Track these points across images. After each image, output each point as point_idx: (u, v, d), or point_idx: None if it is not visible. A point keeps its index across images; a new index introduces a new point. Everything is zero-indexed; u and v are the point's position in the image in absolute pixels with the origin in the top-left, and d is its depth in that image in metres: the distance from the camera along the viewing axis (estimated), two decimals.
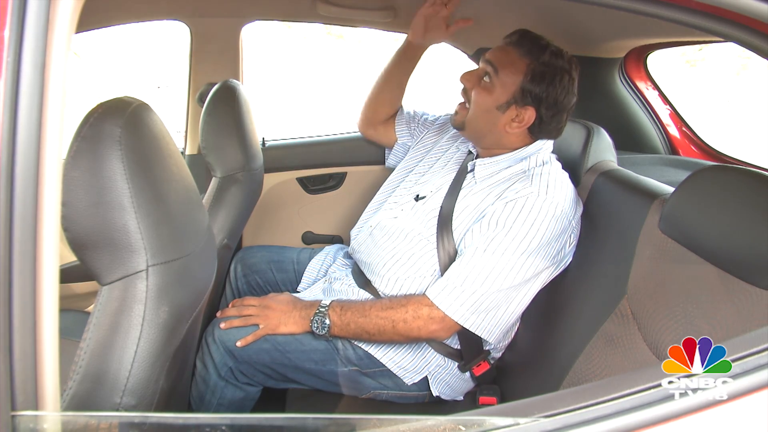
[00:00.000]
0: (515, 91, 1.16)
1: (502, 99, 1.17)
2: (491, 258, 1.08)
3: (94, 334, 0.64)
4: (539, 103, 1.16)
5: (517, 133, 1.20)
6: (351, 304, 1.17)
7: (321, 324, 1.15)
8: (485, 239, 1.10)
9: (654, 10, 0.66)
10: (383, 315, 1.12)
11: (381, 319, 1.12)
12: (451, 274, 1.11)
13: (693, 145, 1.72)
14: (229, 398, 1.20)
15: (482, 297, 1.08)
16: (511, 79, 1.16)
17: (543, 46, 1.16)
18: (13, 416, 0.49)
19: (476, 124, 1.22)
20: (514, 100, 1.17)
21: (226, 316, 1.20)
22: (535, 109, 1.16)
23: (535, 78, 1.15)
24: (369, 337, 1.15)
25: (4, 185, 0.48)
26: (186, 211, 0.75)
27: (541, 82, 1.15)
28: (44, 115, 0.49)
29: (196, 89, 1.64)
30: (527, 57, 1.16)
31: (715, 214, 0.83)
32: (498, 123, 1.19)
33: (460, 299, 1.08)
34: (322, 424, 0.54)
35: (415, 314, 1.11)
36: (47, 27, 0.49)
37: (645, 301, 0.92)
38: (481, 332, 1.11)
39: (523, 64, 1.16)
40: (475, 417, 0.52)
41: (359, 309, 1.15)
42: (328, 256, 1.49)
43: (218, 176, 1.28)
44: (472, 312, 1.09)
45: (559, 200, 1.10)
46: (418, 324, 1.11)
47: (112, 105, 0.64)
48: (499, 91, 1.17)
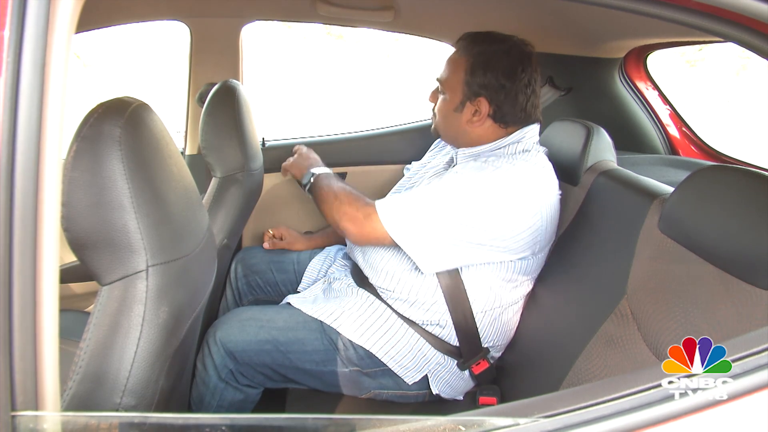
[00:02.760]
0: (462, 89, 1.20)
1: (455, 101, 1.21)
2: (440, 196, 1.11)
3: (94, 334, 0.64)
4: (486, 90, 1.18)
5: (485, 127, 1.21)
6: (336, 177, 1.29)
7: (309, 177, 1.29)
8: (443, 182, 1.14)
9: (654, 10, 0.66)
10: (339, 193, 1.20)
11: (334, 193, 1.21)
12: (398, 197, 1.17)
13: (693, 145, 1.72)
14: (229, 400, 1.20)
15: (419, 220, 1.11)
16: (454, 79, 1.21)
17: (477, 40, 1.20)
18: (13, 416, 0.49)
19: (445, 130, 1.28)
20: (465, 97, 1.20)
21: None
22: (486, 98, 1.18)
23: (474, 70, 1.18)
24: (319, 203, 1.24)
25: (4, 185, 0.48)
26: (186, 211, 0.75)
27: (478, 72, 1.18)
28: (44, 115, 0.49)
29: (196, 89, 1.64)
30: (463, 55, 1.20)
31: (715, 214, 0.83)
32: (461, 123, 1.22)
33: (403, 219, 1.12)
34: (322, 424, 0.54)
35: (355, 205, 1.17)
36: (47, 27, 0.49)
37: (645, 301, 0.92)
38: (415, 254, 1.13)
39: (461, 62, 1.20)
40: (475, 417, 0.53)
41: (335, 184, 1.24)
42: (328, 256, 1.49)
43: (218, 176, 1.28)
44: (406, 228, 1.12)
45: (528, 173, 1.12)
46: (348, 210, 1.17)
47: (112, 105, 0.64)
48: (450, 95, 1.22)
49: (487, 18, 1.56)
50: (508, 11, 1.55)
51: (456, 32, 1.52)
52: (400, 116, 2.01)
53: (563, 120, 1.38)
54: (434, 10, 1.68)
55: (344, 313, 1.22)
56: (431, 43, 1.89)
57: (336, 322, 1.20)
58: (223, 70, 1.69)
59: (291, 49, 7.87)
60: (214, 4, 1.64)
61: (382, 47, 8.28)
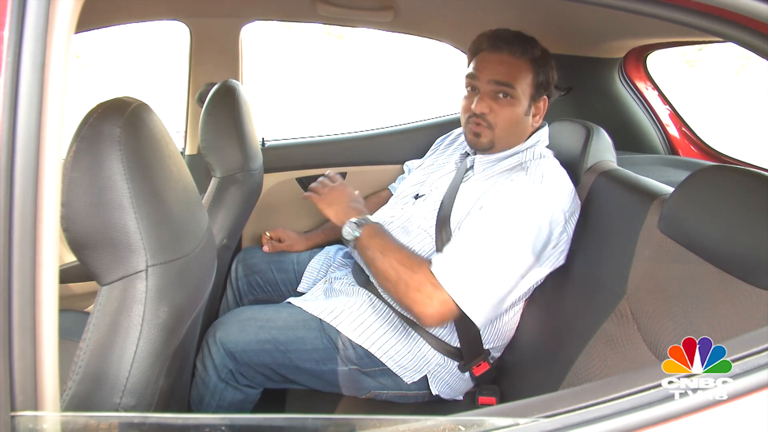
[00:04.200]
0: (530, 92, 1.21)
1: (525, 104, 1.21)
2: (490, 242, 1.08)
3: (93, 334, 0.64)
4: (547, 89, 1.23)
5: (536, 125, 1.26)
6: (382, 234, 1.19)
7: (353, 230, 1.19)
8: (484, 225, 1.10)
9: (654, 10, 0.66)
10: (396, 266, 1.11)
11: (392, 269, 1.11)
12: (454, 256, 1.08)
13: (692, 145, 1.72)
14: (228, 400, 1.20)
15: (481, 277, 1.06)
16: (526, 82, 1.20)
17: (527, 39, 1.21)
18: (12, 416, 0.49)
19: (509, 138, 1.23)
20: (532, 99, 1.22)
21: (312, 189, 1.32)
22: (548, 96, 1.24)
23: (540, 70, 1.20)
24: (374, 271, 1.16)
25: (3, 185, 0.48)
26: (185, 211, 0.75)
27: (544, 71, 1.21)
28: (44, 116, 0.49)
29: (196, 89, 1.64)
30: (525, 55, 1.19)
31: (715, 214, 0.83)
32: (528, 125, 1.24)
33: (462, 278, 1.06)
34: (321, 425, 0.54)
35: (418, 286, 1.08)
36: (47, 27, 0.49)
37: (644, 301, 0.92)
38: (475, 315, 1.06)
39: (526, 64, 1.19)
40: (475, 417, 0.52)
41: (383, 245, 1.16)
42: (328, 256, 1.49)
43: (218, 176, 1.28)
44: (471, 293, 1.06)
45: (554, 188, 1.12)
46: (417, 296, 1.07)
47: (111, 105, 0.64)
48: (523, 99, 1.20)
49: (486, 18, 1.56)
50: (508, 11, 1.55)
51: (456, 32, 1.52)
52: (400, 116, 2.01)
53: (563, 120, 1.38)
54: (434, 10, 1.68)
55: (344, 311, 1.22)
56: (431, 43, 1.89)
57: (336, 320, 1.20)
58: (223, 70, 1.69)
59: (291, 49, 7.87)
60: (214, 4, 1.64)
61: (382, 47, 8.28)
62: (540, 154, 1.21)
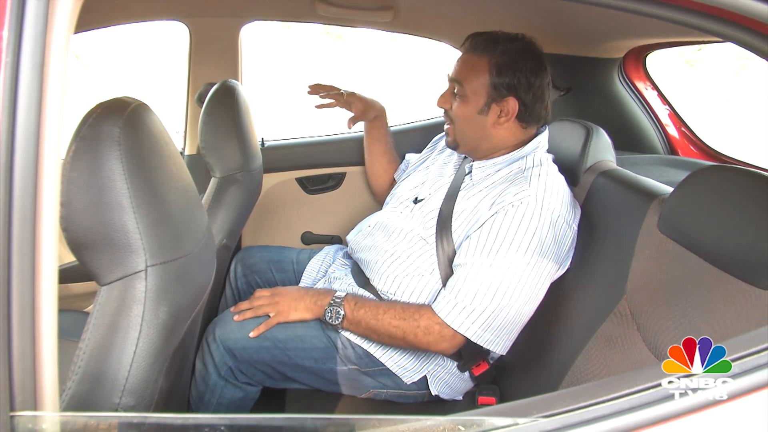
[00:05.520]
0: (488, 91, 1.17)
1: (479, 103, 1.19)
2: (498, 272, 1.07)
3: (93, 334, 0.64)
4: (516, 90, 1.17)
5: (509, 127, 1.20)
6: (364, 302, 1.17)
7: (335, 314, 1.16)
8: (489, 252, 1.09)
9: (654, 10, 0.66)
10: (395, 324, 1.13)
11: (393, 327, 1.13)
12: (460, 291, 1.09)
13: (692, 145, 1.72)
14: (228, 398, 1.20)
15: (493, 313, 1.08)
16: (479, 81, 1.18)
17: (494, 39, 1.18)
18: (12, 416, 0.49)
19: (466, 136, 1.23)
20: (491, 98, 1.18)
21: (239, 309, 1.21)
22: (515, 97, 1.17)
23: (501, 70, 1.16)
24: (378, 339, 1.16)
25: (3, 185, 0.48)
26: (185, 211, 0.75)
27: (507, 71, 1.16)
28: (43, 116, 0.49)
29: (195, 89, 1.64)
30: (484, 55, 1.17)
31: (714, 214, 0.83)
32: (486, 126, 1.20)
33: (472, 317, 1.08)
34: (321, 424, 0.54)
35: (426, 330, 1.11)
36: (46, 27, 0.49)
37: (644, 301, 0.92)
38: (494, 347, 1.11)
39: (483, 63, 1.17)
40: (475, 417, 0.52)
41: (372, 311, 1.15)
42: (328, 256, 1.49)
43: (217, 176, 1.28)
44: (485, 329, 1.09)
45: (556, 206, 1.10)
46: (429, 340, 1.12)
47: (111, 105, 0.64)
48: (473, 97, 1.19)
49: (486, 18, 1.56)
50: (507, 11, 1.55)
51: (456, 32, 1.52)
52: (400, 116, 2.01)
53: (562, 120, 1.38)
54: (434, 10, 1.68)
55: None
56: (431, 43, 1.89)
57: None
58: (223, 70, 1.69)
59: (290, 49, 7.87)
60: (214, 4, 1.64)
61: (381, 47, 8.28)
62: (539, 161, 1.19)
